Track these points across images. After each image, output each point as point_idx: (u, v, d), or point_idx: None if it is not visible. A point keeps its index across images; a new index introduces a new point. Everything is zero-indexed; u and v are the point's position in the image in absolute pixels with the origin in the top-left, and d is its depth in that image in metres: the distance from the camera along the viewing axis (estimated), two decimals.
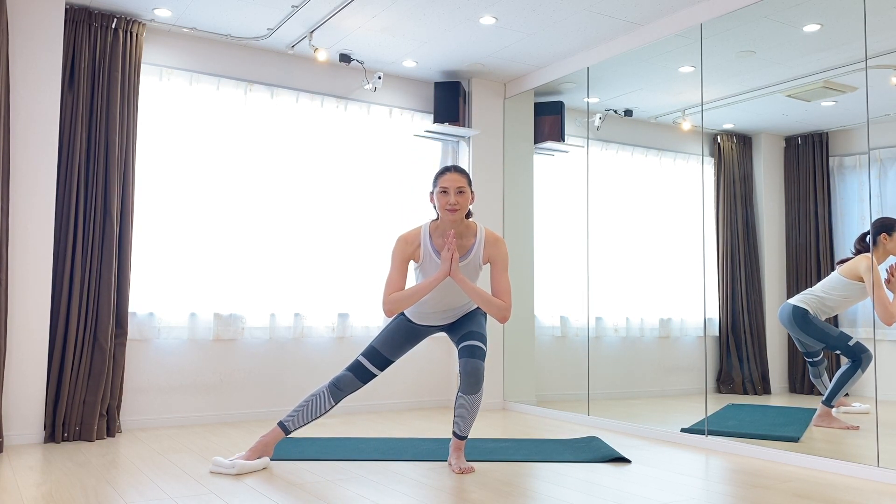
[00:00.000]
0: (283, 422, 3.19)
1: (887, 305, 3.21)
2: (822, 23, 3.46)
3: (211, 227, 4.53)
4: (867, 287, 3.29)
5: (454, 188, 3.04)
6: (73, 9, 4.04)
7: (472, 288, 3.02)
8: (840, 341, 3.41)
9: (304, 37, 4.52)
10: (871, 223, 3.28)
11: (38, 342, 3.76)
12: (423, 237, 3.13)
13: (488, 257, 3.14)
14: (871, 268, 3.27)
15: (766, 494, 2.83)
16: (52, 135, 3.84)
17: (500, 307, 3.04)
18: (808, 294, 3.53)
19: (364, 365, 3.19)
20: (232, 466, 3.06)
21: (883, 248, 3.27)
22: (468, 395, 3.11)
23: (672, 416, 4.09)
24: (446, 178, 3.05)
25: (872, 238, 3.29)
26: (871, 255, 3.29)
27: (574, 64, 4.83)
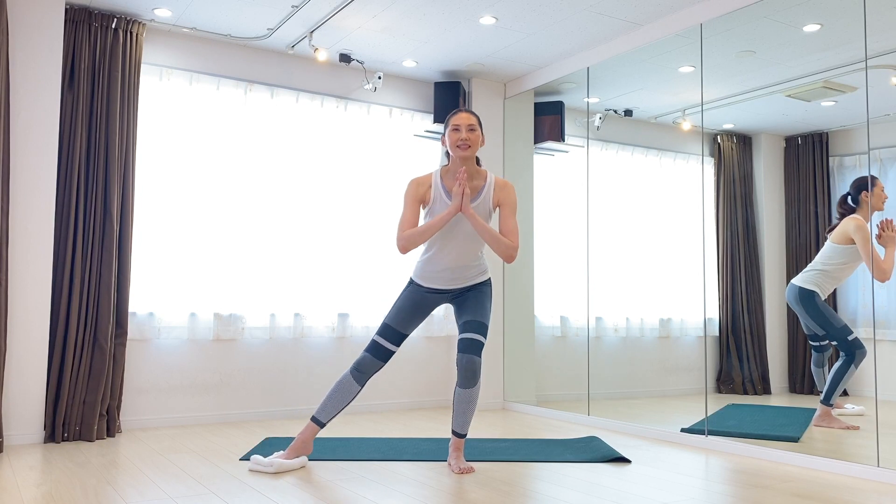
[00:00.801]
0: (316, 416, 3.21)
1: (880, 262, 3.24)
2: (822, 23, 3.46)
3: (211, 227, 4.53)
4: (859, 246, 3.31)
5: (465, 125, 3.12)
6: (73, 9, 4.04)
7: (482, 225, 3.07)
8: (840, 333, 3.41)
9: (304, 37, 4.52)
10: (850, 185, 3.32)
11: (38, 342, 3.76)
12: (434, 179, 3.20)
13: (498, 200, 3.20)
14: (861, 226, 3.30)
15: (766, 494, 2.83)
16: (52, 135, 3.84)
17: (508, 246, 3.09)
18: (811, 271, 3.52)
19: (380, 343, 3.20)
20: (270, 465, 3.09)
21: (866, 206, 3.30)
22: (465, 389, 3.15)
23: (672, 416, 4.09)
24: (458, 117, 3.14)
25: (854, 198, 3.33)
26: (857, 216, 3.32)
27: (574, 64, 4.83)
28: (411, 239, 3.08)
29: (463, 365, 3.11)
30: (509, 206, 3.18)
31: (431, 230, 3.06)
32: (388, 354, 3.21)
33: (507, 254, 3.10)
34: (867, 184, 3.28)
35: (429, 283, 3.24)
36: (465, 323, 3.19)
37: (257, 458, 3.13)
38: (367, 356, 3.19)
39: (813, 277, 3.52)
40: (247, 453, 3.47)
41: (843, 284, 3.42)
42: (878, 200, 3.27)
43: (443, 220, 3.05)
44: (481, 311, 3.20)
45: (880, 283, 3.23)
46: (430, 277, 3.22)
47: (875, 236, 3.24)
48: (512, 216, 3.16)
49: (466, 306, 3.23)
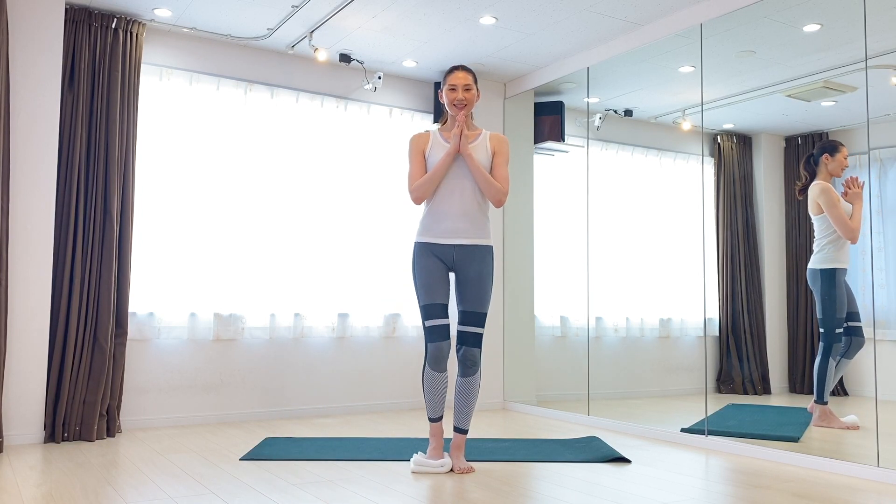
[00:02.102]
0: (430, 416, 3.27)
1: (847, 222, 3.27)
2: (822, 23, 3.46)
3: (211, 227, 4.53)
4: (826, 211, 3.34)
5: (462, 85, 3.24)
6: (73, 9, 4.04)
7: (477, 165, 3.20)
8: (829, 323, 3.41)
9: (304, 37, 4.52)
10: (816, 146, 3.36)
11: (38, 342, 3.76)
12: (433, 133, 3.34)
13: (493, 148, 3.30)
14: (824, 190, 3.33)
15: (766, 494, 2.83)
16: (52, 135, 3.84)
17: (499, 189, 3.22)
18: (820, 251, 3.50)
19: (434, 326, 3.20)
20: (442, 465, 3.17)
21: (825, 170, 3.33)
22: (465, 378, 3.22)
23: (672, 416, 4.09)
24: (454, 76, 3.26)
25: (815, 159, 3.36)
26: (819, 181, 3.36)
27: (574, 64, 4.83)
28: (422, 187, 3.22)
29: (462, 356, 3.21)
30: (503, 156, 3.30)
31: (436, 174, 3.21)
32: (447, 330, 3.22)
33: (496, 197, 3.22)
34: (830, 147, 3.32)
35: (433, 237, 3.23)
36: (463, 312, 3.23)
37: (422, 461, 3.19)
38: (433, 346, 3.20)
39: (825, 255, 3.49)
40: (247, 453, 3.47)
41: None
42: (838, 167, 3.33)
43: (444, 163, 3.21)
44: (481, 301, 3.21)
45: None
46: (433, 228, 3.24)
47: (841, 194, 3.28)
48: (504, 166, 3.28)
49: (468, 288, 3.22)
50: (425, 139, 3.31)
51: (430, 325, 3.20)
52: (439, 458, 3.22)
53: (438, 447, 3.25)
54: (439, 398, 3.26)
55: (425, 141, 3.31)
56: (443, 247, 3.23)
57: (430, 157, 3.28)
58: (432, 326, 3.20)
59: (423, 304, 3.22)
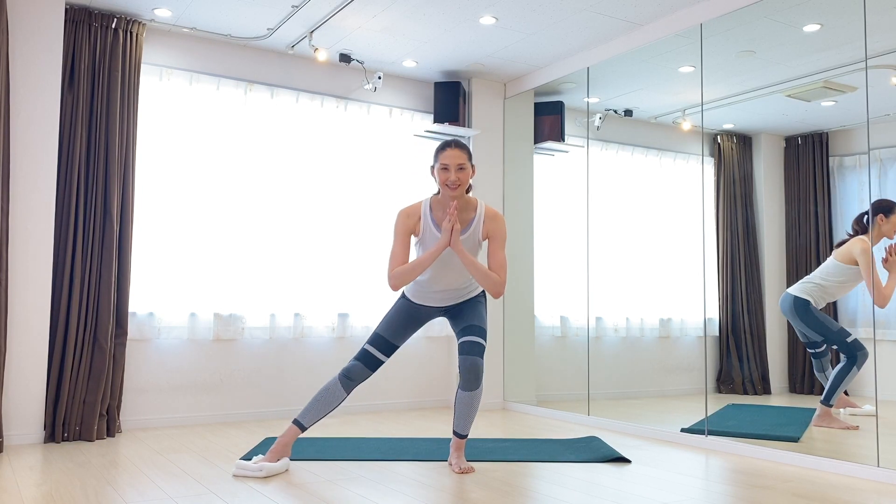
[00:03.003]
0: (298, 419, 3.18)
1: (881, 288, 3.22)
2: (822, 23, 3.46)
3: (211, 227, 4.53)
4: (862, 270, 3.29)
5: (455, 165, 3.06)
6: (73, 9, 4.04)
7: (471, 260, 3.04)
8: (839, 336, 3.41)
9: (304, 37, 4.52)
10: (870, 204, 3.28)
11: (38, 342, 3.76)
12: (423, 210, 3.16)
13: (487, 232, 3.17)
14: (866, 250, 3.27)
15: (766, 494, 2.83)
16: (52, 135, 3.84)
17: (496, 282, 3.05)
18: (807, 282, 3.52)
19: (371, 353, 3.19)
20: (260, 469, 3.04)
21: (878, 230, 3.28)
22: (467, 392, 3.13)
23: (672, 416, 4.09)
24: (447, 154, 3.07)
25: (870, 219, 3.29)
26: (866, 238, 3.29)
27: (574, 64, 4.83)
28: (402, 276, 3.04)
29: (466, 367, 3.10)
30: (499, 239, 3.14)
31: (421, 266, 3.04)
32: (378, 364, 3.20)
33: (494, 290, 3.06)
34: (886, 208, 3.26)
35: (421, 300, 3.25)
36: (464, 328, 3.20)
37: (243, 464, 3.07)
38: (357, 364, 3.17)
39: (808, 289, 3.52)
40: (247, 453, 3.47)
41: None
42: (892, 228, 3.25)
43: (432, 257, 3.03)
44: (479, 318, 3.21)
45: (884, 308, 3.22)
46: (423, 297, 3.24)
47: (881, 259, 3.23)
48: (501, 250, 3.12)
49: (463, 314, 3.24)
50: (415, 218, 3.14)
51: (369, 351, 3.19)
52: (275, 461, 3.11)
53: (280, 451, 3.14)
54: (321, 411, 3.17)
55: (415, 221, 3.14)
56: (430, 307, 3.26)
57: (421, 240, 3.16)
58: (369, 353, 3.19)
59: (378, 332, 3.22)
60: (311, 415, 3.17)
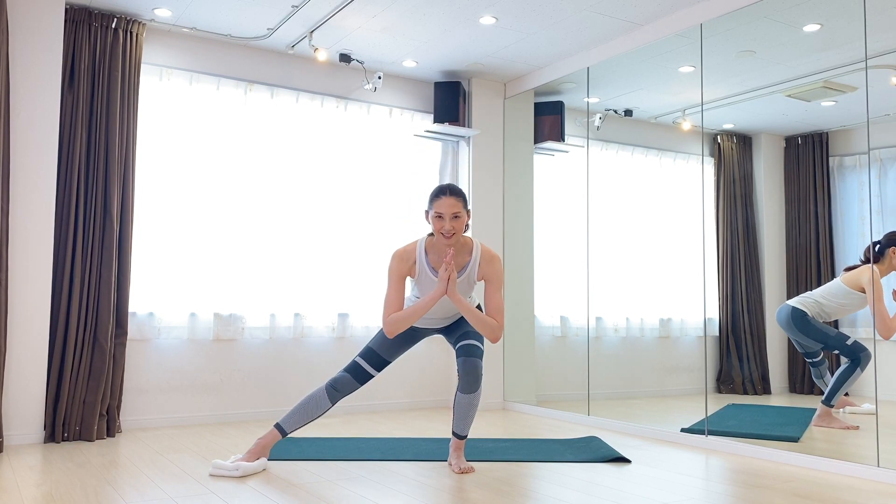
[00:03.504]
0: (280, 424, 3.17)
1: (886, 319, 3.21)
2: (822, 23, 3.46)
3: (211, 227, 4.53)
4: (868, 298, 3.28)
5: (449, 214, 2.99)
6: (73, 9, 4.04)
7: (467, 308, 3.02)
8: (838, 341, 3.41)
9: (304, 37, 4.52)
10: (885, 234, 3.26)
11: (38, 342, 3.76)
12: (419, 254, 3.11)
13: (483, 275, 3.13)
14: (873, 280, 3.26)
15: (766, 494, 2.83)
16: (52, 135, 3.84)
17: (493, 327, 3.04)
18: (807, 297, 3.53)
19: (361, 366, 3.19)
20: (236, 469, 3.04)
21: (889, 262, 3.26)
22: (467, 394, 3.12)
23: (672, 416, 4.09)
24: (441, 202, 2.99)
25: (881, 250, 3.28)
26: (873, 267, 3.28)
27: (574, 64, 4.83)
28: (397, 323, 3.03)
29: (465, 369, 3.09)
30: (495, 282, 3.11)
31: (417, 314, 3.02)
32: (367, 378, 3.20)
33: (491, 335, 3.04)
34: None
35: (418, 324, 3.28)
36: (463, 333, 3.22)
37: (219, 463, 3.06)
38: (345, 376, 3.17)
39: (807, 303, 3.52)
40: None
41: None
42: None
43: (427, 305, 3.01)
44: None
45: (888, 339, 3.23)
46: (420, 322, 3.26)
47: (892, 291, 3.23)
48: (497, 292, 3.09)
49: (458, 324, 3.28)
50: (410, 262, 3.09)
51: (360, 365, 3.19)
52: (252, 461, 3.10)
53: (258, 452, 3.13)
54: (304, 418, 3.16)
55: (410, 265, 3.10)
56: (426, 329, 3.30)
57: (417, 282, 3.15)
58: (360, 367, 3.19)
59: (371, 347, 3.22)
60: (294, 421, 3.17)
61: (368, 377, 3.20)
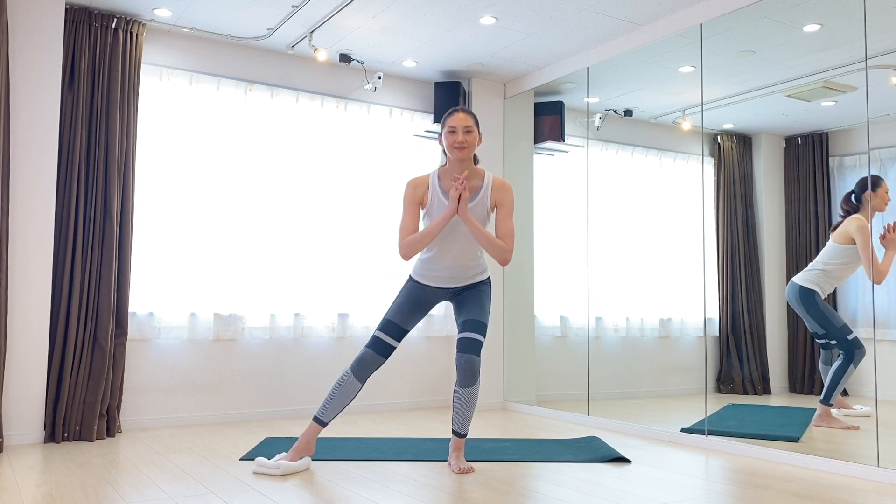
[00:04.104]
0: (318, 416, 3.19)
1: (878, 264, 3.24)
2: (822, 23, 3.46)
3: (211, 227, 4.53)
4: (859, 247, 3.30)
5: (462, 127, 3.11)
6: (73, 9, 4.04)
7: (478, 228, 3.09)
8: (840, 333, 3.41)
9: (304, 37, 4.52)
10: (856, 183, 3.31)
11: (38, 342, 3.76)
12: (431, 180, 3.21)
13: (495, 201, 3.20)
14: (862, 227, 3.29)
15: (766, 494, 2.83)
16: (52, 135, 3.84)
17: (503, 249, 3.11)
18: (812, 270, 3.52)
19: (381, 339, 3.19)
20: (277, 467, 3.06)
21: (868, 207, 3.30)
22: (464, 388, 3.16)
23: (672, 416, 4.09)
24: (454, 118, 3.13)
25: (857, 197, 3.32)
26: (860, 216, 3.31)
27: (574, 64, 4.83)
28: (412, 245, 3.09)
29: (462, 364, 3.12)
30: (507, 208, 3.18)
31: (430, 235, 3.07)
32: (390, 350, 3.20)
33: (501, 257, 3.11)
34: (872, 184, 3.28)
35: (428, 281, 3.25)
36: (464, 322, 3.20)
37: (262, 461, 3.09)
38: (368, 352, 3.18)
39: (814, 277, 3.51)
40: (247, 453, 3.47)
41: (844, 284, 3.42)
42: (881, 202, 3.27)
43: (440, 225, 3.07)
44: (480, 311, 3.21)
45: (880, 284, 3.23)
46: (430, 276, 3.23)
47: (879, 236, 3.24)
48: (508, 218, 3.17)
49: (466, 305, 3.23)
50: (423, 188, 3.18)
51: (380, 337, 3.19)
52: (295, 460, 3.14)
53: (302, 449, 3.17)
54: (339, 404, 3.18)
55: (423, 191, 3.18)
56: (438, 289, 3.26)
57: (429, 212, 3.19)
58: (380, 339, 3.19)
59: (387, 318, 3.22)
60: (330, 410, 3.19)
61: (390, 349, 3.20)
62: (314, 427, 3.19)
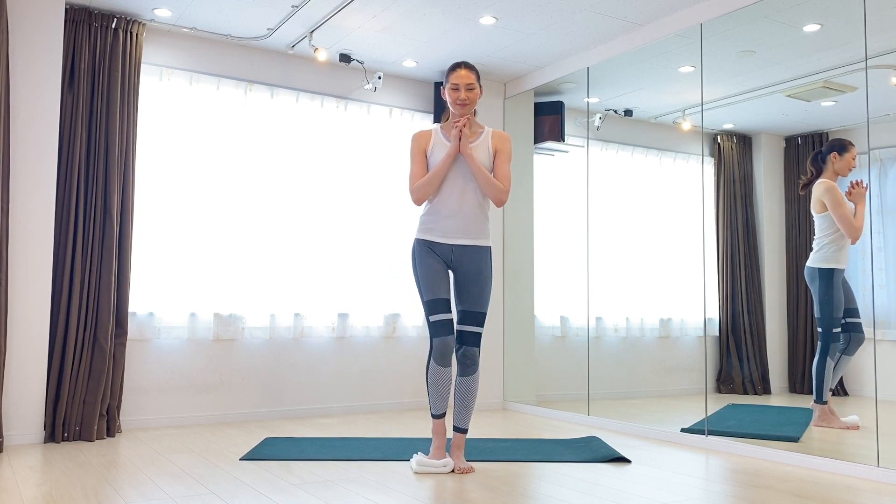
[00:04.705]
0: (434, 413, 3.24)
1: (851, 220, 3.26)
2: (822, 23, 3.46)
3: (211, 227, 4.53)
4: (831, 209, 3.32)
5: (464, 84, 3.22)
6: (73, 9, 4.04)
7: (477, 165, 3.19)
8: (827, 322, 3.40)
9: (304, 37, 4.52)
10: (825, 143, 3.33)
11: (38, 342, 3.76)
12: (434, 130, 3.34)
13: (495, 147, 3.29)
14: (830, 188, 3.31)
15: (766, 494, 2.83)
16: (52, 135, 3.84)
17: (500, 189, 3.21)
18: (819, 250, 3.49)
19: (440, 321, 3.18)
20: (445, 465, 3.16)
21: (831, 168, 3.32)
22: (465, 377, 3.23)
23: (672, 416, 4.09)
24: (457, 74, 3.23)
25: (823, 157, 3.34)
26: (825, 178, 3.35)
27: (574, 64, 4.83)
28: (422, 189, 3.22)
29: (461, 354, 3.22)
30: (505, 154, 3.28)
31: (437, 175, 3.20)
32: (450, 324, 3.20)
33: (497, 196, 3.21)
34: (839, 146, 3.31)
35: (433, 235, 3.25)
36: (463, 312, 3.24)
37: (424, 461, 3.18)
38: (440, 340, 3.16)
39: (824, 254, 3.48)
40: (247, 453, 3.47)
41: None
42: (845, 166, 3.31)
43: (444, 164, 3.20)
44: (480, 300, 3.22)
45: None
46: (434, 228, 3.24)
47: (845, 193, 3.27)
48: (506, 164, 3.27)
49: (467, 289, 3.23)
50: (427, 137, 3.30)
51: (435, 320, 3.19)
52: (442, 458, 3.21)
53: (441, 446, 3.24)
54: (444, 393, 3.23)
55: (427, 140, 3.30)
56: (442, 246, 3.24)
57: (432, 156, 3.28)
58: (437, 321, 3.18)
59: (427, 300, 3.21)
60: (440, 402, 3.23)
61: (451, 323, 3.21)
62: (437, 424, 3.25)
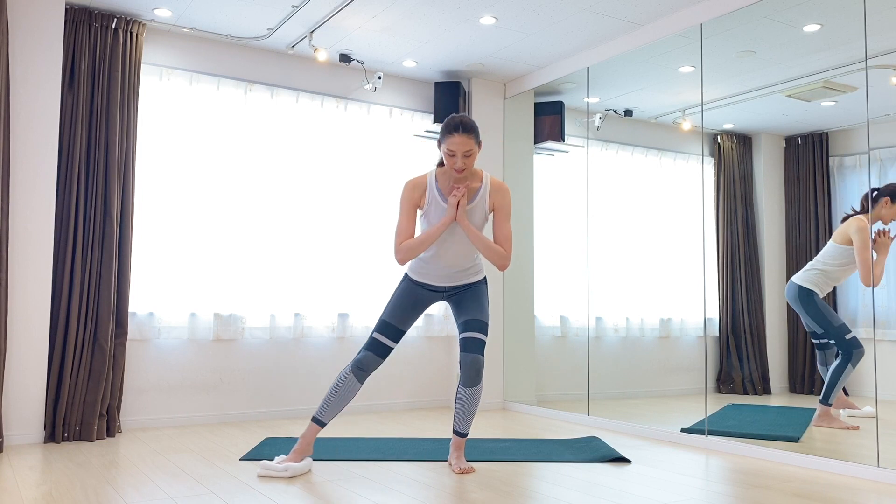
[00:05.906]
0: (316, 416, 3.17)
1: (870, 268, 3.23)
2: (822, 23, 3.46)
3: (211, 227, 4.53)
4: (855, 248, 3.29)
5: (461, 152, 3.03)
6: (73, 9, 4.04)
7: (476, 234, 3.07)
8: (838, 332, 3.40)
9: (304, 37, 4.52)
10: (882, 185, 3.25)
11: (38, 342, 3.76)
12: (429, 182, 3.16)
13: (493, 204, 3.17)
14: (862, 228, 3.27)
15: (766, 494, 2.83)
16: (52, 135, 3.84)
17: (501, 255, 3.10)
18: (811, 270, 3.51)
19: (379, 340, 3.18)
20: (285, 470, 3.04)
21: (878, 212, 3.27)
22: (468, 388, 3.15)
23: (672, 416, 4.09)
24: (453, 140, 3.03)
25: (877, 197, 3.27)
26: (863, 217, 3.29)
27: (574, 64, 4.83)
28: (409, 251, 3.08)
29: (467, 364, 3.12)
30: (504, 211, 3.16)
31: (428, 241, 3.07)
32: (388, 351, 3.19)
33: (499, 262, 3.11)
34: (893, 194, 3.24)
35: (425, 279, 3.23)
36: (465, 322, 3.19)
37: (268, 464, 3.06)
38: (367, 354, 3.17)
39: (812, 277, 3.51)
40: (247, 453, 3.47)
41: (843, 284, 3.42)
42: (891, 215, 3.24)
43: (438, 231, 3.06)
44: (480, 310, 3.20)
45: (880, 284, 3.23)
46: (426, 275, 3.23)
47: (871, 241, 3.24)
48: (506, 221, 3.15)
49: (465, 305, 3.23)
50: (420, 190, 3.14)
51: (378, 339, 3.17)
52: (298, 462, 3.11)
53: (303, 450, 3.14)
54: (338, 405, 3.15)
55: (421, 194, 3.15)
56: (433, 288, 3.25)
57: (426, 214, 3.17)
58: (378, 341, 3.17)
59: (384, 319, 3.20)
60: (329, 410, 3.17)
61: (388, 350, 3.19)
62: (313, 428, 3.18)
